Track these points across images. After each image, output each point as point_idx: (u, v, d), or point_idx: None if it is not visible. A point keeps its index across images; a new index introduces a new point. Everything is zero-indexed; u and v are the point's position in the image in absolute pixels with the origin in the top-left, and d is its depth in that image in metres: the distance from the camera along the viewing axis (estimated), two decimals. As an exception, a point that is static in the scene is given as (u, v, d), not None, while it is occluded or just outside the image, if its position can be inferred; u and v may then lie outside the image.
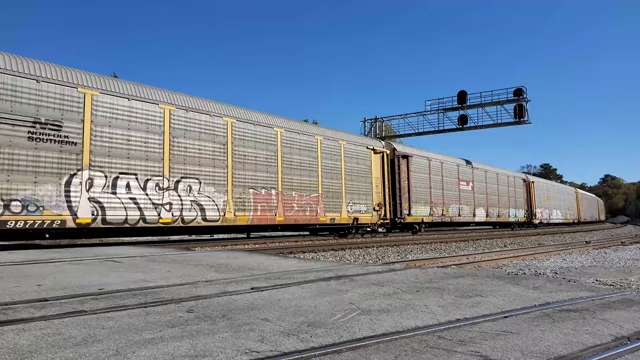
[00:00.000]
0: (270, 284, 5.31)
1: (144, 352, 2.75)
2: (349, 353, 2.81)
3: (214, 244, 14.27)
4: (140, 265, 7.07)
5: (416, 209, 23.49)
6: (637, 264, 9.89)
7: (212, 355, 2.71)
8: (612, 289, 5.71)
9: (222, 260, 8.05)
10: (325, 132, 19.11)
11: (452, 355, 2.79)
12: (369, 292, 4.88)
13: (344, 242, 16.36)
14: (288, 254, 11.07)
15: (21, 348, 2.81)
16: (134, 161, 12.44)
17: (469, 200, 28.75)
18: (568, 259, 11.18)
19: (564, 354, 2.86)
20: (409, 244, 15.69)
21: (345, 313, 3.85)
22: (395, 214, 22.22)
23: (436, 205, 25.25)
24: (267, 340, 3.03)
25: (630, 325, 3.60)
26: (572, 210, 48.44)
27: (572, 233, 28.84)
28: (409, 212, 22.91)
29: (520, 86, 29.71)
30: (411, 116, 33.87)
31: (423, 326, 3.46)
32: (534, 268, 8.69)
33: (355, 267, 7.31)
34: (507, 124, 30.96)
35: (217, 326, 3.38)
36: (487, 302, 4.38)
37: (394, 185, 22.28)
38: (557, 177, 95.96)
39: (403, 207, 22.49)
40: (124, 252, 9.57)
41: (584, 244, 17.25)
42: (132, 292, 4.73)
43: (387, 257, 11.19)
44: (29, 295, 4.48)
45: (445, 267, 8.01)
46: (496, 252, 13.16)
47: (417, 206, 23.69)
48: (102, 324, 3.39)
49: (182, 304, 4.13)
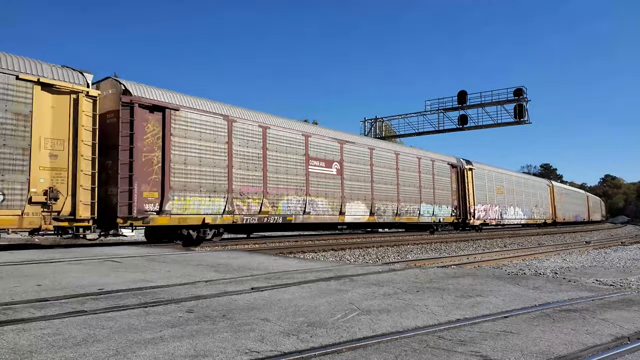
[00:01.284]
0: (271, 284, 5.31)
1: (144, 352, 2.75)
2: (349, 353, 2.80)
3: (213, 244, 14.26)
4: (140, 265, 7.07)
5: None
6: (637, 264, 9.89)
7: (212, 355, 2.71)
8: (612, 289, 5.71)
9: (222, 260, 8.05)
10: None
11: (452, 355, 2.79)
12: (369, 292, 4.88)
13: (344, 242, 16.38)
14: (288, 254, 11.07)
15: (21, 348, 2.81)
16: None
17: (333, 191, 17.47)
18: (568, 259, 11.17)
19: (564, 354, 2.85)
20: (409, 244, 15.69)
21: (345, 313, 3.85)
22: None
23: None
24: (267, 340, 3.03)
25: (630, 325, 3.60)
26: (543, 208, 40.32)
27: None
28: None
29: (520, 86, 29.74)
30: (411, 116, 33.89)
31: (423, 326, 3.45)
32: (534, 268, 8.69)
33: (355, 267, 7.31)
34: (507, 124, 30.98)
35: (217, 326, 3.38)
36: (487, 302, 4.38)
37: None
38: (557, 177, 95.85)
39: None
40: (124, 252, 9.57)
41: (584, 244, 17.26)
42: (132, 292, 4.73)
43: (387, 257, 11.19)
44: (29, 295, 4.47)
45: (445, 267, 8.01)
46: (496, 252, 13.16)
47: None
48: (102, 324, 3.39)
49: (182, 304, 4.13)
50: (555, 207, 42.83)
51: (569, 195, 50.10)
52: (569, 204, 48.43)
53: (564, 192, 48.74)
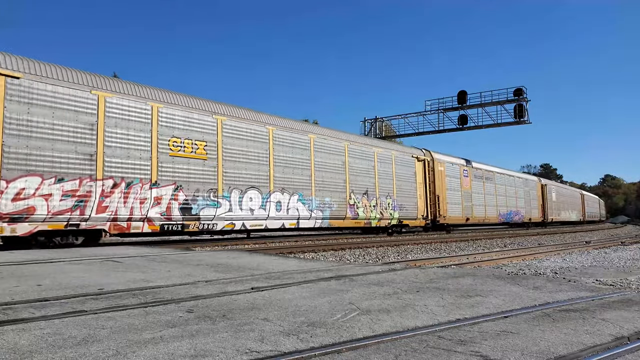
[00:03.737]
0: (271, 284, 5.31)
1: (144, 352, 2.75)
2: (349, 353, 2.80)
3: (213, 244, 14.27)
4: (140, 265, 7.07)
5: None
6: (637, 264, 9.89)
7: (212, 355, 2.71)
8: (612, 289, 5.70)
9: (222, 260, 8.05)
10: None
11: (452, 355, 2.79)
12: (369, 292, 4.88)
13: (344, 242, 16.38)
14: (288, 254, 11.07)
15: (21, 348, 2.81)
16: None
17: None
18: (568, 259, 11.17)
19: (564, 354, 2.85)
20: (409, 244, 15.69)
21: (345, 313, 3.85)
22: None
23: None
24: (267, 340, 3.03)
25: (630, 325, 3.60)
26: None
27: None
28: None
29: (520, 86, 29.79)
30: (411, 116, 33.93)
31: (423, 326, 3.45)
32: (534, 268, 8.69)
33: (355, 267, 7.31)
34: (507, 124, 31.01)
35: (217, 326, 3.38)
36: (487, 302, 4.38)
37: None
38: (557, 177, 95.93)
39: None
40: (123, 252, 9.57)
41: (584, 244, 17.26)
42: (132, 292, 4.73)
43: (387, 257, 11.19)
44: (29, 295, 4.47)
45: (445, 267, 8.01)
46: (496, 252, 13.16)
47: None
48: (102, 324, 3.39)
49: (182, 304, 4.13)
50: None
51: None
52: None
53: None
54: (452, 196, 26.76)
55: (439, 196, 25.35)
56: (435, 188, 25.16)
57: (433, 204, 24.91)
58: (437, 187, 25.27)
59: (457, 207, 27.14)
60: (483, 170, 31.16)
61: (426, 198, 24.58)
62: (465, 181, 28.55)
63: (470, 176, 29.12)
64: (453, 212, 26.70)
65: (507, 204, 33.61)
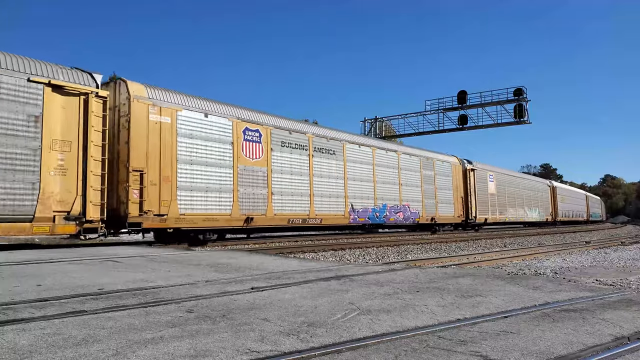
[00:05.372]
0: (270, 284, 5.31)
1: (144, 352, 2.75)
2: (349, 353, 2.80)
3: (213, 244, 14.27)
4: (140, 265, 7.07)
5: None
6: (637, 264, 9.89)
7: (212, 355, 2.71)
8: (612, 289, 5.70)
9: (222, 260, 8.05)
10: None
11: (452, 355, 2.79)
12: (369, 292, 4.88)
13: (344, 242, 16.39)
14: (288, 254, 11.07)
15: (21, 348, 2.81)
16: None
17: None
18: (568, 259, 11.17)
19: (564, 354, 2.85)
20: (409, 244, 15.69)
21: (345, 313, 3.85)
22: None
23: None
24: (267, 340, 3.03)
25: (630, 325, 3.60)
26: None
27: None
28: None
29: (520, 86, 29.77)
30: (411, 116, 33.91)
31: (423, 326, 3.45)
32: (534, 268, 8.69)
33: (355, 267, 7.31)
34: (507, 124, 31.00)
35: (217, 326, 3.38)
36: (487, 302, 4.38)
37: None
38: (557, 177, 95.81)
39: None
40: (123, 252, 9.57)
41: (584, 244, 17.26)
42: (132, 292, 4.73)
43: (387, 257, 11.19)
44: (29, 295, 4.48)
45: (445, 267, 8.01)
46: (496, 252, 13.17)
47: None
48: (102, 323, 3.39)
49: (182, 304, 4.13)
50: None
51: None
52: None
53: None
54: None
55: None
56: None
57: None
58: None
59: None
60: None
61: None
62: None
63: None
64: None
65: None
